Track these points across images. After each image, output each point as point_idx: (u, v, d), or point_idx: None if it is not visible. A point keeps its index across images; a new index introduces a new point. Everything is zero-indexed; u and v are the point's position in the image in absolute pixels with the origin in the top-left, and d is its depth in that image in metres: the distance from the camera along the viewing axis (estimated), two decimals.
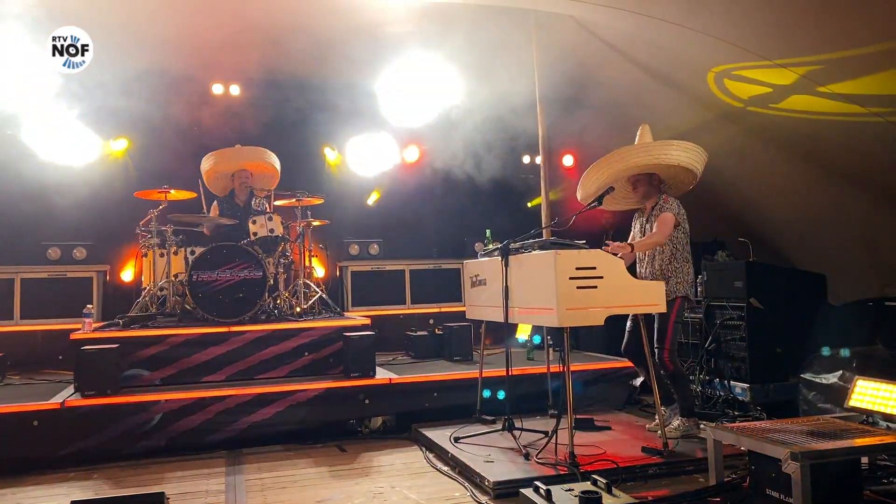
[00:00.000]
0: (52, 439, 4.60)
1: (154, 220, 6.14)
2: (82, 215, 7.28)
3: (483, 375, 5.19)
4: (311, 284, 6.64)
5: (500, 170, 8.98)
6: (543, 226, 6.48)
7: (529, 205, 9.08)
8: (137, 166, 7.89)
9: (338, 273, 8.14)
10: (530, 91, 7.07)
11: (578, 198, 5.08)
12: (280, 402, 5.10)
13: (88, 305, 5.79)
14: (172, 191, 6.38)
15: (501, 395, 5.26)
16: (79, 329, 5.49)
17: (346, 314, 6.96)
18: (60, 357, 6.46)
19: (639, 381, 5.37)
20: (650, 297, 4.26)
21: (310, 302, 6.43)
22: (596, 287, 4.04)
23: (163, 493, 3.17)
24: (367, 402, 5.31)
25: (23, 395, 5.10)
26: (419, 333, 6.99)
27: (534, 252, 4.32)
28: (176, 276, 6.10)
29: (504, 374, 4.77)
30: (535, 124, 7.18)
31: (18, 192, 7.19)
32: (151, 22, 6.34)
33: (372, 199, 8.92)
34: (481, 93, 7.76)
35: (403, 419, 5.39)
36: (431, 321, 7.73)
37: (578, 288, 4.00)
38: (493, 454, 4.31)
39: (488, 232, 5.36)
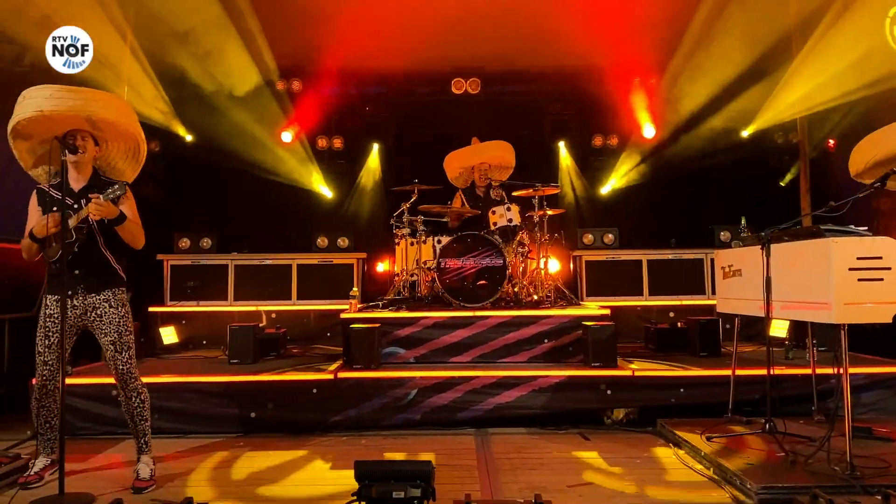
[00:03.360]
0: (328, 406, 5.21)
1: (406, 211, 6.65)
2: (344, 209, 8.23)
3: (736, 373, 4.87)
4: (548, 273, 6.72)
5: (748, 152, 8.33)
6: (803, 213, 5.90)
7: (782, 183, 8.27)
8: (387, 163, 8.66)
9: (571, 263, 8.14)
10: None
11: (852, 174, 4.54)
12: (523, 387, 5.26)
13: (353, 289, 6.46)
14: (421, 185, 6.84)
15: None
16: (345, 309, 6.13)
17: (582, 303, 6.94)
18: (328, 334, 7.33)
19: None
20: None
21: (546, 290, 6.52)
22: (882, 279, 3.57)
23: (430, 461, 3.43)
24: (608, 392, 5.26)
25: (302, 365, 5.88)
26: (659, 326, 6.75)
27: (802, 241, 3.93)
28: (425, 262, 6.56)
29: (763, 372, 4.42)
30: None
31: (295, 192, 8.37)
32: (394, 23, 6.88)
33: (607, 188, 8.79)
34: (727, 68, 7.25)
35: (646, 413, 5.23)
36: (672, 314, 7.42)
37: (860, 280, 3.56)
38: (752, 457, 4.02)
39: (743, 220, 5.00)
